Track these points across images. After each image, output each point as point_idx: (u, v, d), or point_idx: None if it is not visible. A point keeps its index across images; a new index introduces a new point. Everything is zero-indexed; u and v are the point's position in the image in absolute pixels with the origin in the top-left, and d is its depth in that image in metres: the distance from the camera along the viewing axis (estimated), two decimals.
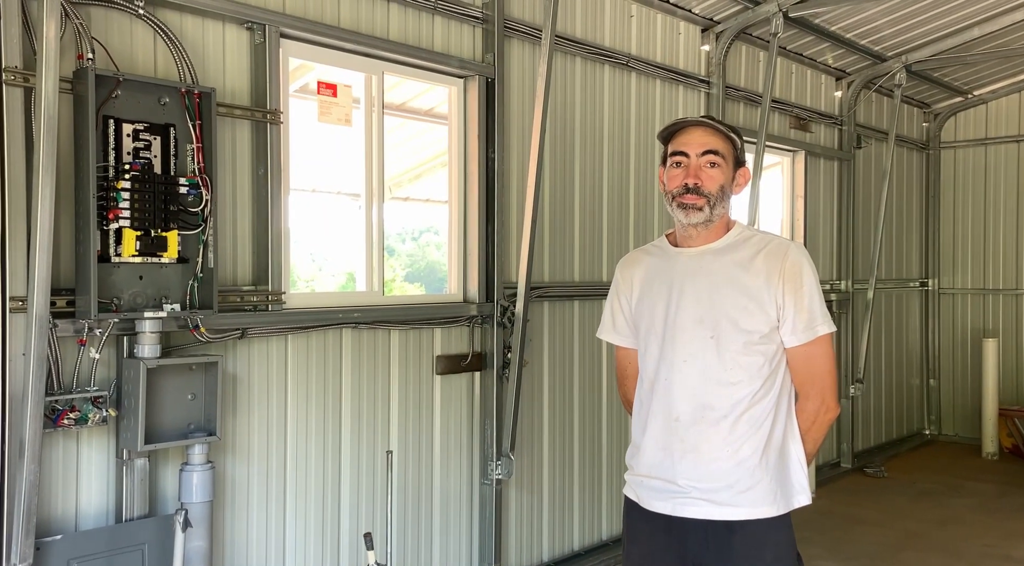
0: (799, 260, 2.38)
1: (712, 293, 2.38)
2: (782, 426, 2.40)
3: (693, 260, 2.44)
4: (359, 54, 4.04)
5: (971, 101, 8.78)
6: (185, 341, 3.39)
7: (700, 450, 2.36)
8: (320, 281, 5.90)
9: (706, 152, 2.38)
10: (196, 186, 3.24)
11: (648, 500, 2.46)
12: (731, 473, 2.34)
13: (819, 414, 2.42)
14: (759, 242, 2.43)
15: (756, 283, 2.36)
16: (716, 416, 2.35)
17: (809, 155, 7.24)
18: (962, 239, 9.02)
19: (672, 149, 2.43)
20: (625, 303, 2.60)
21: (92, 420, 3.00)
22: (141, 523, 3.15)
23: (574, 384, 5.14)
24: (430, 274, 6.16)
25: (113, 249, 3.05)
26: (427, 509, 4.36)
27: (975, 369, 8.68)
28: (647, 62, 5.51)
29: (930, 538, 5.80)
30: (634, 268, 2.60)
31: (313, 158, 4.92)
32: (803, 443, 2.43)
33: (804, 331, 2.35)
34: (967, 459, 8.17)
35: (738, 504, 2.35)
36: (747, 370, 2.35)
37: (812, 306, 2.36)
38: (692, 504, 2.37)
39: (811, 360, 2.39)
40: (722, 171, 2.39)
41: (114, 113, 3.06)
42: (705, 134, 2.40)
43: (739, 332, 2.35)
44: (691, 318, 2.39)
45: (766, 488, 2.36)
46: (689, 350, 2.38)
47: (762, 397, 2.36)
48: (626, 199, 5.45)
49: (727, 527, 2.36)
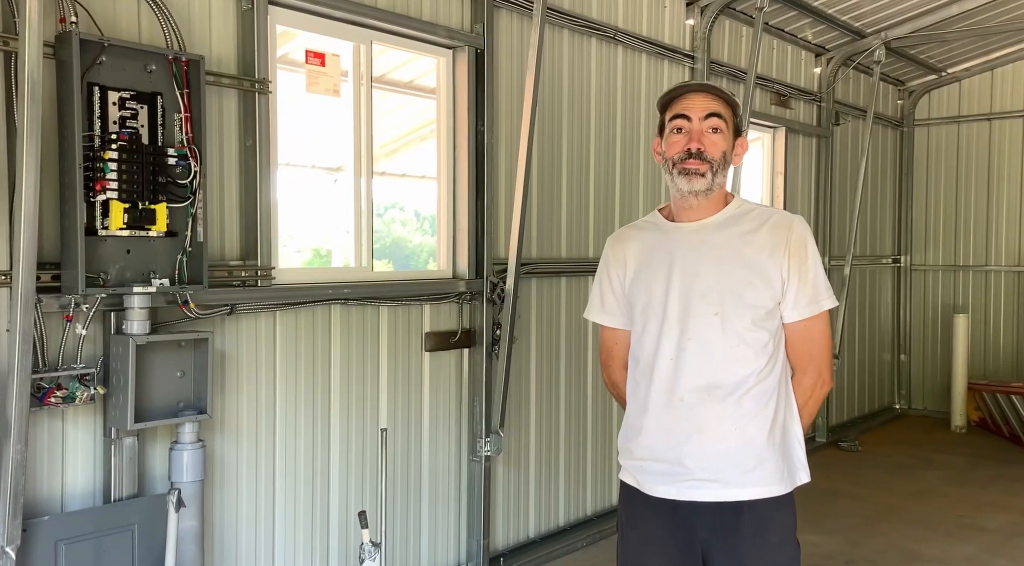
0: (803, 233, 2.34)
1: (716, 267, 2.32)
2: (784, 404, 2.37)
3: (693, 234, 2.37)
4: (348, 22, 3.93)
5: (945, 79, 8.86)
6: (173, 317, 3.29)
7: (706, 430, 2.30)
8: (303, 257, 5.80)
9: (709, 115, 2.31)
10: (185, 157, 3.13)
11: (650, 485, 2.39)
12: (739, 452, 2.30)
13: (815, 389, 2.40)
14: (761, 215, 2.38)
15: (761, 257, 2.31)
16: (722, 394, 2.30)
17: (789, 132, 7.26)
18: (934, 216, 9.13)
19: (673, 113, 2.35)
20: (617, 282, 2.50)
21: (80, 398, 2.91)
22: (130, 503, 3.07)
23: (560, 360, 5.12)
24: (396, 250, 6.10)
25: (100, 222, 2.95)
26: (416, 486, 4.32)
27: (945, 344, 8.83)
28: (633, 36, 5.45)
29: (906, 510, 5.90)
30: (626, 244, 2.50)
31: (302, 130, 4.80)
32: (800, 418, 2.40)
33: (808, 305, 2.32)
34: (937, 432, 8.32)
35: (747, 484, 2.30)
36: (753, 347, 2.30)
37: (817, 280, 2.33)
38: (700, 486, 2.31)
39: (810, 334, 2.37)
40: (724, 137, 2.33)
41: (99, 80, 2.94)
42: (707, 98, 2.33)
43: (745, 307, 2.30)
44: (694, 294, 2.33)
45: (774, 466, 2.32)
46: (692, 327, 2.32)
47: (767, 374, 2.32)
48: (612, 175, 5.41)
49: (734, 508, 2.32)
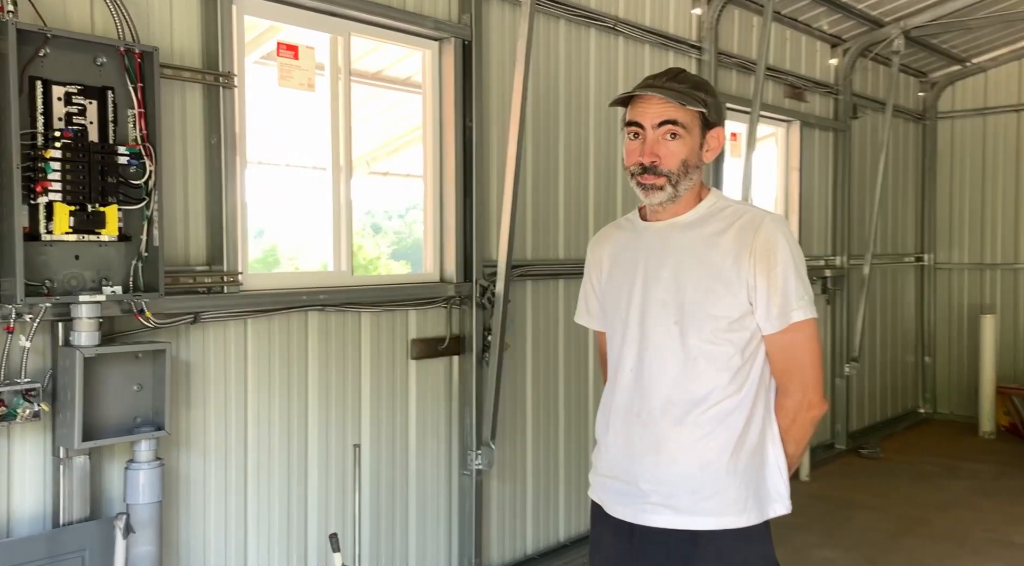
0: (773, 235, 2.06)
1: (676, 273, 2.11)
2: (759, 426, 2.11)
3: (659, 235, 2.17)
4: (323, 13, 3.71)
5: (970, 69, 8.50)
6: (132, 327, 3.09)
7: (660, 450, 2.10)
8: (304, 259, 5.60)
9: (663, 123, 2.08)
10: (138, 156, 2.92)
11: (611, 505, 2.22)
12: (693, 477, 2.07)
13: (800, 411, 2.12)
14: (732, 215, 2.13)
15: (725, 262, 2.07)
16: (679, 412, 2.08)
17: (804, 125, 6.96)
18: (959, 212, 8.77)
19: (628, 117, 2.14)
20: (596, 283, 2.36)
21: (21, 416, 2.70)
22: (81, 527, 2.86)
23: (559, 368, 4.87)
24: (416, 251, 5.91)
25: (44, 226, 2.74)
26: (402, 503, 4.09)
27: (972, 346, 8.47)
28: (635, 26, 5.20)
29: (930, 523, 5.59)
30: (604, 245, 2.34)
31: (281, 129, 4.60)
32: (783, 444, 2.14)
33: (779, 317, 2.06)
34: (964, 438, 7.97)
35: (701, 512, 2.08)
36: (715, 361, 2.07)
37: (787, 288, 2.05)
38: (652, 510, 2.11)
39: (790, 350, 2.10)
40: (684, 142, 2.08)
41: (42, 74, 2.74)
42: (662, 103, 2.07)
43: (705, 317, 2.07)
44: (654, 301, 2.13)
45: (734, 495, 2.08)
46: (652, 337, 2.12)
47: (733, 392, 2.08)
48: (613, 172, 5.16)
49: (691, 538, 2.08)
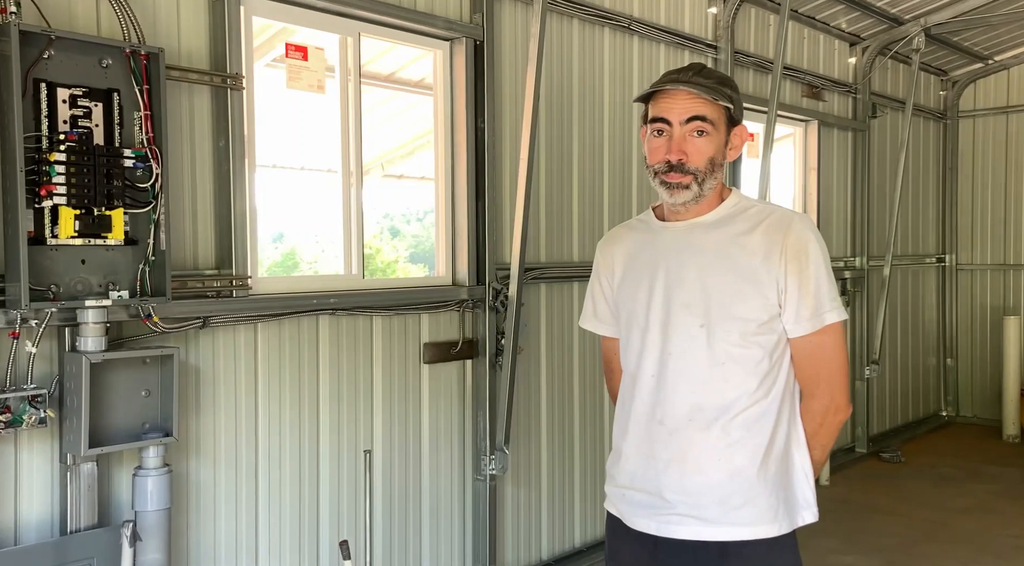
0: (804, 235, 2.01)
1: (702, 274, 2.04)
2: (784, 431, 2.05)
3: (680, 236, 2.09)
4: (333, 13, 3.67)
5: (991, 67, 8.36)
6: (140, 332, 3.05)
7: (687, 459, 2.02)
8: (324, 263, 5.57)
9: (691, 119, 2.01)
10: (144, 159, 2.88)
11: (631, 517, 2.13)
12: (723, 486, 2.00)
13: (827, 415, 2.07)
14: (758, 214, 2.07)
15: (753, 262, 2.00)
16: (706, 419, 2.01)
17: (822, 125, 6.85)
18: (981, 212, 8.62)
19: (652, 113, 2.07)
20: (607, 286, 2.27)
21: (27, 422, 2.67)
22: (89, 534, 2.83)
23: (574, 371, 4.81)
24: (434, 255, 5.88)
25: (49, 230, 2.71)
26: (415, 509, 4.04)
27: (995, 348, 8.32)
28: (650, 25, 5.13)
29: (953, 528, 5.47)
30: (615, 246, 2.26)
31: (293, 132, 4.57)
32: (809, 450, 2.08)
33: (810, 319, 2.00)
34: (987, 442, 7.83)
35: (732, 523, 2.01)
36: (743, 365, 2.00)
37: (819, 289, 2.00)
38: (679, 522, 2.03)
39: (818, 353, 2.04)
40: (711, 140, 2.02)
41: (46, 76, 2.71)
42: (689, 98, 2.01)
43: (733, 320, 2.00)
44: (677, 304, 2.05)
45: (765, 503, 2.01)
46: (675, 341, 2.04)
47: (761, 397, 2.01)
48: (628, 174, 5.09)
49: (720, 550, 2.01)
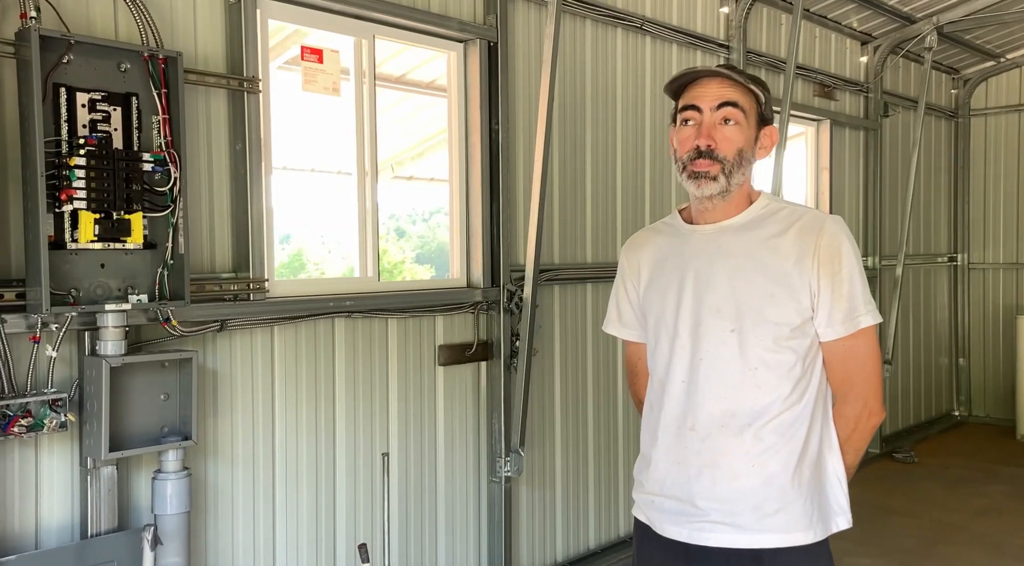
0: (837, 237, 1.98)
1: (732, 278, 2.01)
2: (817, 436, 2.03)
3: (709, 239, 2.06)
4: (347, 16, 3.67)
5: (1003, 65, 8.32)
6: (158, 335, 3.06)
7: (719, 465, 2.00)
8: (329, 264, 5.58)
9: (722, 104, 1.98)
10: (163, 163, 2.89)
11: (661, 524, 2.10)
12: (756, 492, 1.98)
13: (860, 420, 2.04)
14: (789, 216, 2.04)
15: (785, 265, 1.98)
16: (738, 425, 1.99)
17: (834, 124, 6.83)
18: (993, 211, 8.58)
19: (682, 103, 2.04)
20: (632, 291, 2.24)
21: (48, 427, 2.67)
22: (109, 538, 2.83)
23: (587, 372, 4.80)
24: (441, 255, 5.89)
25: (69, 234, 2.71)
26: (431, 511, 4.04)
27: (1008, 347, 8.29)
28: (663, 25, 5.11)
29: (968, 530, 5.45)
30: (641, 250, 2.22)
31: (307, 134, 4.57)
32: (842, 454, 2.06)
33: (843, 322, 1.97)
34: (1000, 442, 7.79)
35: (766, 530, 1.98)
36: (776, 370, 1.98)
37: (853, 292, 1.97)
38: (712, 530, 2.01)
39: (852, 356, 2.01)
40: (741, 130, 1.99)
41: (66, 81, 2.71)
42: (721, 85, 1.99)
43: (766, 324, 1.97)
44: (708, 308, 2.02)
45: (800, 510, 1.99)
46: (706, 346, 2.01)
47: (794, 402, 1.99)
48: (641, 174, 5.08)
49: (754, 557, 1.99)
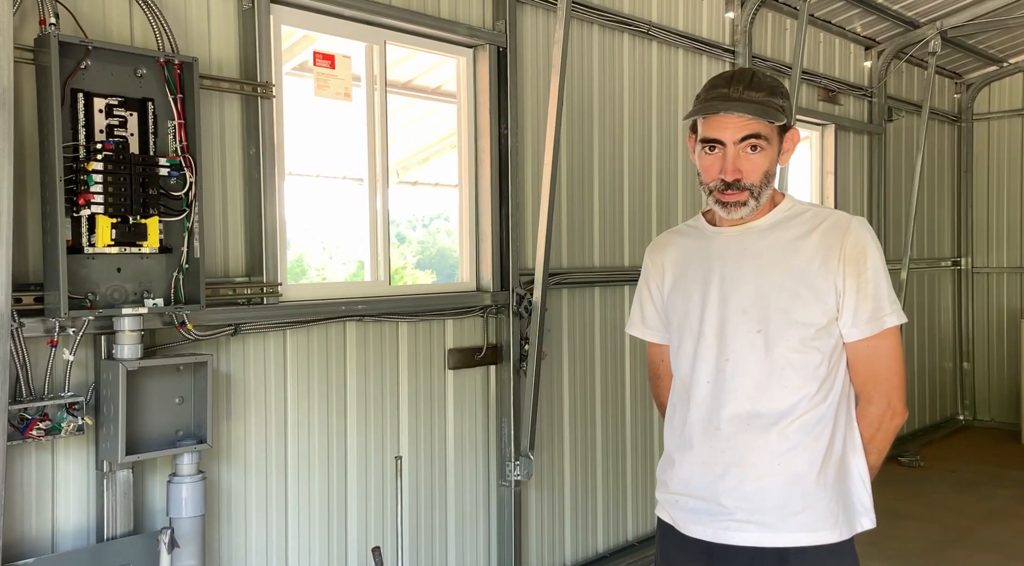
0: (863, 237, 2.00)
1: (758, 279, 2.02)
2: (841, 436, 2.05)
3: (735, 240, 2.08)
4: (359, 21, 3.69)
5: (1007, 70, 8.35)
6: (173, 339, 3.07)
7: (745, 464, 2.02)
8: (331, 269, 5.59)
9: (746, 137, 1.97)
10: (179, 167, 2.91)
11: (685, 523, 2.12)
12: (782, 491, 2.00)
13: (884, 420, 2.06)
14: (813, 217, 2.05)
15: (811, 266, 2.00)
16: (764, 424, 2.00)
17: (839, 129, 6.86)
18: (997, 215, 8.60)
19: (704, 134, 2.01)
20: (656, 292, 2.25)
21: (66, 430, 2.69)
22: (125, 541, 2.84)
23: (595, 376, 4.81)
24: (441, 261, 5.89)
25: (86, 239, 2.73)
26: (441, 515, 4.04)
27: (1012, 351, 8.30)
28: (669, 30, 5.14)
29: (977, 534, 5.45)
30: (665, 252, 2.23)
31: (315, 139, 4.59)
32: (865, 455, 2.08)
33: (868, 322, 1.99)
34: (1006, 446, 7.80)
35: (791, 528, 2.00)
36: (801, 370, 2.00)
37: (879, 292, 1.99)
38: (737, 528, 2.03)
39: (876, 357, 2.03)
40: (766, 155, 1.99)
41: (83, 86, 2.73)
42: (742, 120, 1.95)
43: (792, 325, 1.99)
44: (733, 309, 2.04)
45: (825, 509, 2.01)
46: (732, 347, 2.03)
47: (819, 402, 2.01)
48: (648, 178, 5.10)
49: (779, 556, 2.01)
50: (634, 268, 4.95)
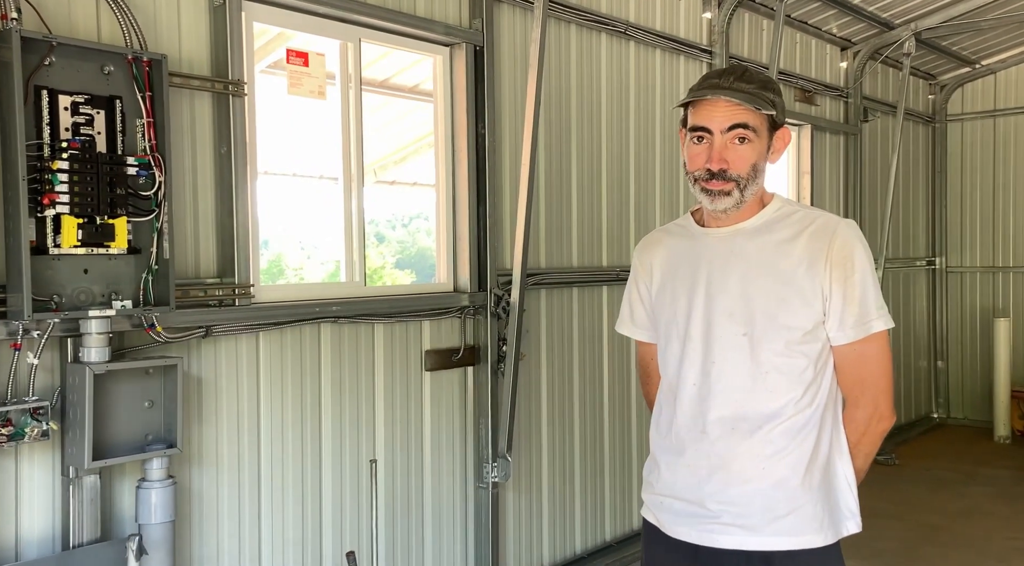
0: (850, 241, 1.98)
1: (745, 282, 2.00)
2: (828, 440, 2.03)
3: (722, 242, 2.05)
4: (333, 19, 3.64)
5: (979, 71, 8.43)
6: (142, 342, 3.01)
7: (730, 468, 2.00)
8: (309, 270, 5.53)
9: (733, 127, 1.96)
10: (147, 166, 2.85)
11: (670, 525, 2.10)
12: (767, 495, 1.98)
13: (871, 424, 2.04)
14: (802, 220, 2.03)
15: (798, 270, 1.97)
16: (749, 428, 1.99)
17: (815, 129, 6.89)
18: (970, 215, 8.69)
19: (692, 122, 2.00)
20: (644, 292, 2.23)
21: (30, 435, 2.62)
22: (92, 549, 2.78)
23: (574, 377, 4.79)
24: (421, 261, 5.85)
25: (51, 239, 2.66)
26: (417, 518, 4.00)
27: (985, 350, 8.39)
28: (646, 30, 5.13)
29: (951, 531, 5.50)
30: (653, 251, 2.21)
31: (289, 138, 4.53)
32: (852, 458, 2.06)
33: (855, 327, 1.97)
34: (979, 443, 7.88)
35: (776, 532, 1.99)
36: (787, 374, 1.98)
37: (865, 296, 1.97)
38: (723, 531, 2.01)
39: (863, 361, 2.01)
40: (753, 147, 1.97)
41: (48, 83, 2.66)
42: (731, 107, 1.95)
43: (778, 329, 1.97)
44: (719, 312, 2.01)
45: (810, 513, 1.99)
46: (718, 350, 2.01)
47: (805, 406, 1.99)
48: (626, 178, 5.09)
49: (764, 559, 1.99)
50: (612, 268, 4.94)
